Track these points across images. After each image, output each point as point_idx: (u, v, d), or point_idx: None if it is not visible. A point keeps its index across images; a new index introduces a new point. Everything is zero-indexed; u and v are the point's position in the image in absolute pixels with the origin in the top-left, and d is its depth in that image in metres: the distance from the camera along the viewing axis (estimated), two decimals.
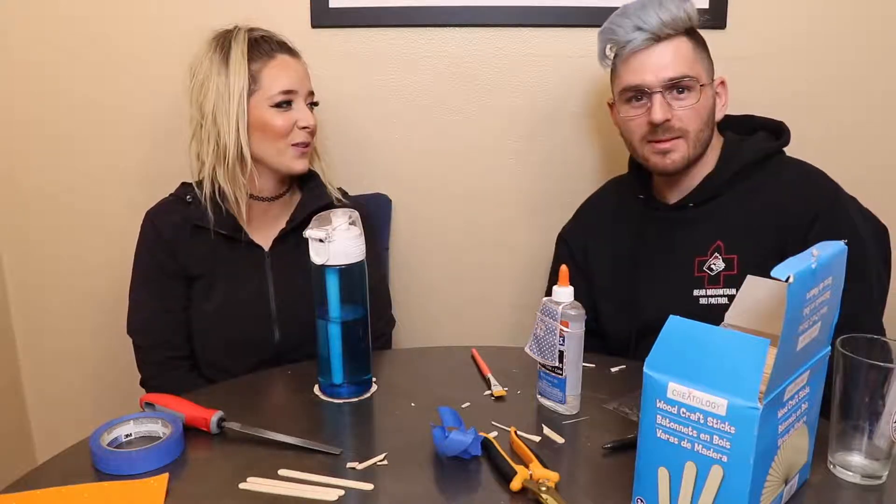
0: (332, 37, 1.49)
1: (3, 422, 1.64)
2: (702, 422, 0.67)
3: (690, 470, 0.68)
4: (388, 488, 0.81)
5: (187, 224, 1.23)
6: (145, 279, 1.25)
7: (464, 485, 0.82)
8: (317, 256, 0.99)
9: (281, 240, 1.26)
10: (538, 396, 1.00)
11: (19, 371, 1.70)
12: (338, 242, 0.98)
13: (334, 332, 1.01)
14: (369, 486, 0.81)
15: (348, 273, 1.00)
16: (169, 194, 1.29)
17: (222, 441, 0.92)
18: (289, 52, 1.23)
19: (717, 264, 1.18)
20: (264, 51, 1.19)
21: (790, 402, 0.70)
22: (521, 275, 1.63)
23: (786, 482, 0.74)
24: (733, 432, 0.65)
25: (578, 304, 0.95)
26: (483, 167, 1.57)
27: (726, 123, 1.26)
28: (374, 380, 1.07)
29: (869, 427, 0.77)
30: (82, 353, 1.68)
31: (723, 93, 1.23)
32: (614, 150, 1.51)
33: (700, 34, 1.20)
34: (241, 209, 1.23)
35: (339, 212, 1.01)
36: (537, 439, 0.91)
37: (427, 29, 1.49)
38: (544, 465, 0.81)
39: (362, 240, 1.01)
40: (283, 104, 1.19)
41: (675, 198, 1.24)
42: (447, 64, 1.51)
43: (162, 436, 0.90)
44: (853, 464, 0.80)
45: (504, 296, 1.65)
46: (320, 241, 0.97)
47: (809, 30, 1.46)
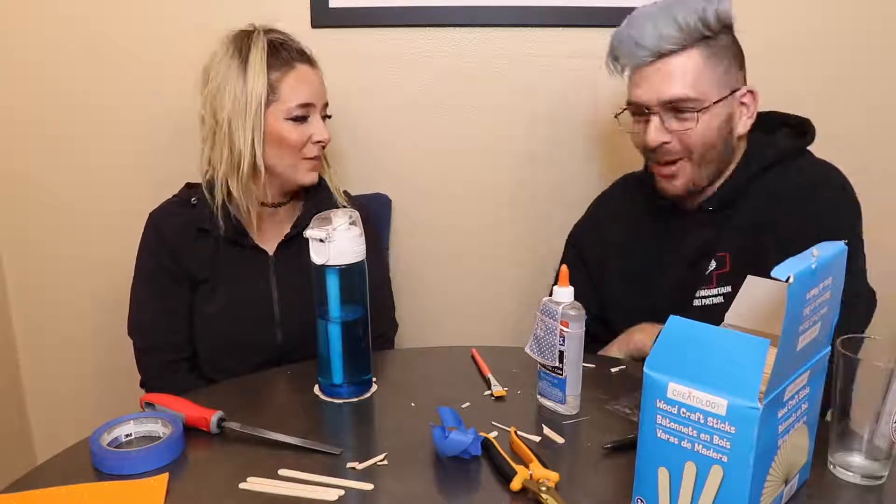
0: (332, 37, 1.49)
1: (3, 422, 1.64)
2: (702, 422, 0.67)
3: (690, 470, 0.68)
4: (388, 488, 0.81)
5: (191, 227, 1.22)
6: (147, 281, 1.24)
7: (464, 485, 0.82)
8: (317, 256, 0.98)
9: (285, 244, 1.26)
10: (538, 396, 1.00)
11: (19, 371, 1.70)
12: (338, 242, 0.97)
13: (334, 332, 1.01)
14: (369, 486, 0.81)
15: (348, 273, 0.99)
16: (173, 195, 1.27)
17: (222, 441, 0.92)
18: (308, 61, 1.20)
19: (711, 263, 1.16)
20: (284, 59, 1.16)
21: (790, 403, 0.70)
22: (520, 274, 1.63)
23: (786, 482, 0.74)
24: (733, 432, 0.65)
25: (578, 305, 0.94)
26: (483, 167, 1.57)
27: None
28: (375, 380, 1.07)
29: (869, 427, 0.77)
30: (82, 353, 1.68)
31: (751, 104, 1.12)
32: (615, 150, 1.52)
33: (725, 39, 1.10)
34: (251, 218, 1.22)
35: (339, 212, 1.00)
36: (537, 439, 0.91)
37: (427, 29, 1.49)
38: (544, 465, 0.81)
39: (362, 240, 1.00)
40: (300, 118, 1.17)
41: (692, 203, 1.19)
42: (447, 64, 1.51)
43: (162, 436, 0.90)
44: (853, 464, 0.80)
45: (504, 296, 1.65)
46: (320, 241, 0.97)
47: (809, 29, 1.46)
